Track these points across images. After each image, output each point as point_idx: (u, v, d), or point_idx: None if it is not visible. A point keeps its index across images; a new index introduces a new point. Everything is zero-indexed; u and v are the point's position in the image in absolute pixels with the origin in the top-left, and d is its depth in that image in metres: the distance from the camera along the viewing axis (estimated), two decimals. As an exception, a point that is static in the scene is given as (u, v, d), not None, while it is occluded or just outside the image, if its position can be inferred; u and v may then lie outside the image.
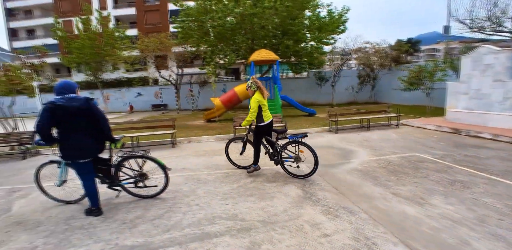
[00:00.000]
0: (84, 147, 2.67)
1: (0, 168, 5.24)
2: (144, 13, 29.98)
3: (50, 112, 2.44)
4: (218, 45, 13.88)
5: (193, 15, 12.85)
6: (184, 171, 4.28)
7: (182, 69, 17.39)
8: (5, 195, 3.67)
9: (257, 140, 3.88)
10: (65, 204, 3.21)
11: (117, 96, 19.42)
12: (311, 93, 17.21)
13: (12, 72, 6.05)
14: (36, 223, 2.76)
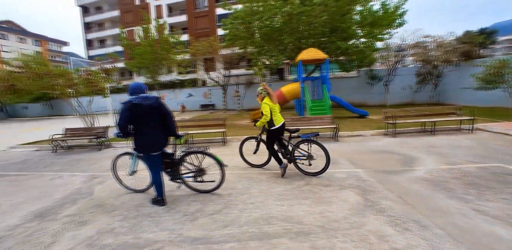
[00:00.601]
0: (156, 141, 2.91)
1: (81, 157, 6.15)
2: (194, 19, 32.08)
3: (129, 110, 2.73)
4: (265, 46, 14.02)
5: (241, 18, 13.21)
6: (236, 169, 4.38)
7: (229, 71, 18.06)
8: (87, 180, 4.26)
9: (269, 144, 3.98)
10: (133, 192, 3.57)
11: (171, 96, 21.23)
12: (361, 93, 16.12)
13: (93, 76, 7.09)
14: (112, 207, 3.12)
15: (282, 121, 3.94)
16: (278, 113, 3.95)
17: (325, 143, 6.00)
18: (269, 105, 3.79)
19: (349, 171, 4.03)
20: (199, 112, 18.91)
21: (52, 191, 3.83)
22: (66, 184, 4.15)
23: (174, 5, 33.11)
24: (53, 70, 6.83)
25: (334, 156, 4.93)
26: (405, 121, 6.73)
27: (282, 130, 3.95)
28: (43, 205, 3.32)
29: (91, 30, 37.81)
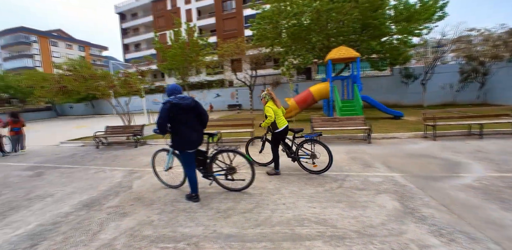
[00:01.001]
0: (192, 139, 3.05)
1: (120, 153, 6.63)
2: (222, 21, 32.81)
3: (169, 109, 2.88)
4: (292, 46, 13.87)
5: (268, 17, 13.22)
6: (266, 169, 4.39)
7: (255, 71, 18.18)
8: (127, 175, 4.58)
9: (274, 146, 4.10)
10: (167, 188, 3.76)
11: (200, 97, 22.00)
12: (395, 93, 15.21)
13: (130, 78, 7.62)
14: (150, 201, 3.31)
15: (286, 125, 4.06)
16: (282, 116, 4.06)
17: (357, 145, 5.83)
18: (272, 108, 3.90)
19: (385, 175, 3.81)
20: (226, 112, 19.32)
21: (97, 184, 4.18)
22: (108, 177, 4.51)
23: (203, 9, 34.21)
24: (97, 73, 7.47)
25: (367, 158, 4.73)
26: (447, 123, 6.20)
27: (285, 132, 4.10)
28: (89, 196, 3.64)
29: (128, 35, 40.57)
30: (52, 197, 3.70)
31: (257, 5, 14.23)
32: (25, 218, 3.07)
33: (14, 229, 2.79)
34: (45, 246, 2.40)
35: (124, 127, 7.71)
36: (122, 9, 40.28)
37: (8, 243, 2.52)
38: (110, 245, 2.35)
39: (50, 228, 2.76)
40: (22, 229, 2.77)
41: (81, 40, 57.34)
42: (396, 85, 15.20)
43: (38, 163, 6.05)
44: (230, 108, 20.38)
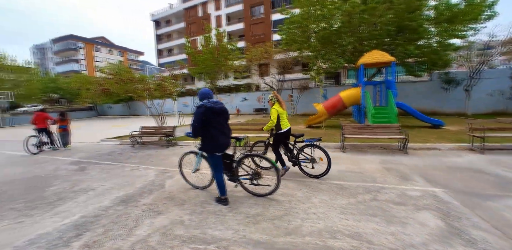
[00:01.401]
0: (221, 142, 3.10)
1: (153, 153, 6.98)
2: (251, 26, 33.42)
3: (203, 113, 2.96)
4: (322, 50, 13.63)
5: (297, 22, 13.16)
6: (295, 175, 4.31)
7: (283, 75, 18.16)
8: (159, 174, 4.80)
9: (275, 146, 4.29)
10: (194, 189, 3.86)
11: (227, 100, 22.51)
12: (433, 99, 14.14)
13: (165, 81, 8.05)
14: (182, 201, 3.42)
15: (288, 127, 4.23)
16: (286, 119, 4.25)
17: (392, 155, 5.49)
18: (278, 111, 4.11)
19: (425, 190, 3.52)
20: (252, 116, 19.48)
21: (133, 181, 4.43)
22: (143, 175, 4.76)
23: (232, 14, 35.22)
24: (135, 76, 8.03)
25: (404, 170, 4.43)
26: (498, 135, 5.57)
27: (288, 134, 4.24)
28: (126, 192, 3.86)
29: (162, 41, 43.13)
30: (94, 191, 4.00)
31: (286, 10, 14.26)
32: (71, 209, 3.35)
33: (62, 218, 3.06)
34: (88, 237, 2.58)
35: (157, 127, 8.13)
36: (157, 17, 43.01)
37: (57, 231, 2.76)
38: (145, 241, 2.46)
39: (92, 220, 2.97)
40: (68, 219, 3.03)
41: (120, 46, 62.24)
42: (434, 91, 14.12)
43: (81, 159, 6.61)
44: (256, 112, 20.51)
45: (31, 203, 3.62)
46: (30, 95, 25.58)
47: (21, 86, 24.66)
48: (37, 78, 28.07)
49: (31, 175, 5.21)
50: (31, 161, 6.69)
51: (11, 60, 24.72)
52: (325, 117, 10.25)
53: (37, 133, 7.90)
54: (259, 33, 32.21)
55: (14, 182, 4.74)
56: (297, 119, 14.54)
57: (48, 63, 57.55)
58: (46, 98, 32.51)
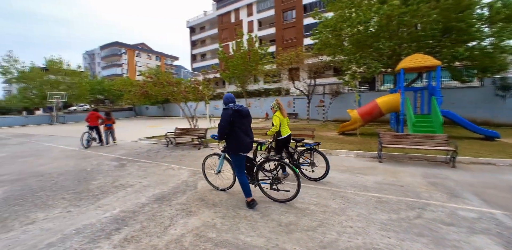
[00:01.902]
0: (245, 143, 3.21)
1: (186, 153, 7.24)
2: (282, 31, 33.54)
3: (232, 115, 3.10)
4: (356, 54, 13.11)
5: (331, 25, 12.83)
6: (328, 185, 4.12)
7: (314, 80, 17.80)
8: (192, 175, 4.94)
9: (277, 151, 4.45)
10: (221, 190, 3.89)
11: (256, 104, 22.68)
12: (485, 108, 12.67)
13: (199, 85, 8.37)
14: (214, 203, 3.45)
15: (288, 133, 4.41)
16: (286, 125, 4.44)
17: (437, 169, 4.99)
18: (279, 118, 4.29)
19: (481, 210, 3.10)
20: (280, 120, 19.34)
21: (167, 180, 4.61)
22: (176, 175, 4.94)
23: (263, 20, 35.73)
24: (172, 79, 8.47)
25: (453, 186, 3.98)
26: None
27: (288, 140, 4.41)
28: (161, 191, 4.02)
29: (196, 46, 45.27)
30: (132, 187, 4.24)
31: (318, 14, 14.01)
32: (112, 202, 3.57)
33: (104, 211, 3.27)
34: (127, 232, 2.72)
35: (190, 129, 8.45)
36: (192, 24, 45.33)
37: (100, 223, 2.96)
38: (179, 241, 2.51)
39: (130, 215, 3.13)
40: (109, 213, 3.23)
41: (158, 52, 66.67)
42: (487, 98, 12.63)
43: (121, 156, 7.11)
44: (285, 117, 20.36)
45: (79, 194, 3.95)
46: (80, 96, 28.48)
47: (73, 88, 27.60)
48: (86, 81, 31.18)
49: (79, 168, 5.73)
50: (79, 155, 7.37)
51: (66, 65, 27.88)
52: (359, 124, 9.76)
53: (89, 129, 8.85)
54: (291, 37, 32.18)
55: (66, 174, 5.24)
56: (328, 126, 14.07)
57: (96, 67, 63.74)
58: (93, 99, 35.94)
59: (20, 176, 5.20)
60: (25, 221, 3.07)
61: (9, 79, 25.16)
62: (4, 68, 23.76)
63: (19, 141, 11.51)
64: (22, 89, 25.75)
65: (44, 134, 14.81)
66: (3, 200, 3.82)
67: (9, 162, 6.76)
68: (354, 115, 9.78)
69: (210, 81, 9.44)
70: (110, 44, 58.38)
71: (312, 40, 14.82)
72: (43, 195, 3.98)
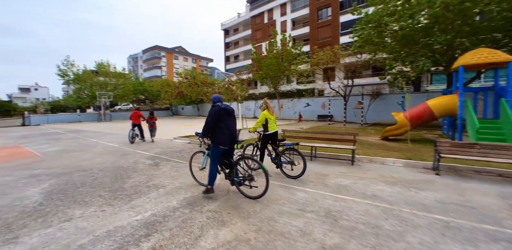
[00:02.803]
0: (226, 137, 3.54)
1: (217, 154, 7.12)
2: (316, 29, 32.40)
3: (218, 111, 3.53)
4: (402, 51, 11.88)
5: (374, 21, 11.80)
6: (376, 199, 3.56)
7: (352, 80, 16.72)
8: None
9: (262, 145, 4.90)
10: (200, 185, 3.57)
11: (289, 105, 22.12)
12: None
13: (233, 85, 8.25)
14: (247, 213, 3.15)
15: (275, 130, 4.86)
16: (274, 123, 4.88)
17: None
18: (266, 115, 4.79)
19: None
20: (315, 122, 18.48)
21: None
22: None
23: (297, 19, 34.97)
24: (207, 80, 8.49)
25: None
26: None
27: (273, 136, 4.84)
28: (192, 194, 3.87)
29: (229, 48, 46.17)
30: (164, 188, 4.17)
31: (358, 9, 13.02)
32: (144, 204, 3.50)
33: (136, 213, 3.19)
34: (156, 239, 2.55)
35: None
36: (226, 26, 46.34)
37: (131, 226, 2.85)
38: (209, 256, 2.25)
39: (160, 220, 2.99)
40: (140, 215, 3.13)
41: (193, 54, 69.67)
42: None
43: (156, 154, 7.27)
44: (319, 119, 19.37)
45: (114, 193, 3.98)
46: (124, 96, 30.90)
47: (118, 88, 30.04)
48: (130, 82, 33.74)
49: (117, 165, 5.93)
50: (119, 152, 7.73)
51: (113, 67, 30.48)
52: (406, 129, 8.73)
53: (132, 126, 9.66)
54: (325, 36, 30.94)
55: (105, 170, 5.44)
56: (367, 130, 12.97)
57: (139, 69, 68.95)
58: (135, 98, 38.79)
59: (66, 170, 5.53)
60: (63, 217, 3.12)
61: (66, 81, 28.29)
62: (63, 71, 26.77)
63: (71, 136, 12.68)
64: (76, 90, 28.77)
65: (92, 130, 16.20)
66: (48, 193, 4.01)
67: (60, 155, 7.35)
68: (401, 119, 8.78)
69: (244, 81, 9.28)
70: (151, 48, 62.63)
71: (351, 38, 13.88)
72: (82, 191, 4.10)
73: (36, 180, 4.82)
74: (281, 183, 4.37)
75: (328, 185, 4.30)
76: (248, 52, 42.86)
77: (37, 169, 5.76)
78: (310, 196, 3.75)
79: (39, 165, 6.12)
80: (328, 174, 4.97)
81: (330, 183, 4.41)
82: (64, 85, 42.54)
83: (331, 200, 3.61)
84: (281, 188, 4.14)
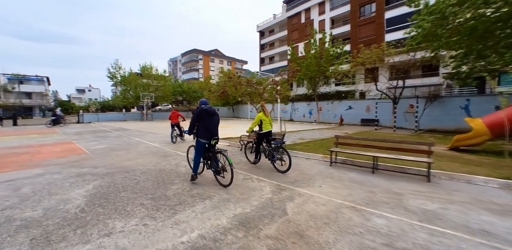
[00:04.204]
0: (206, 132, 4.28)
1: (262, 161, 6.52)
2: (358, 27, 30.33)
3: (200, 112, 4.28)
4: (473, 46, 10.06)
5: (439, 12, 10.17)
6: (491, 238, 2.56)
7: (403, 81, 14.94)
8: (275, 190, 4.06)
9: (257, 143, 5.62)
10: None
11: (329, 108, 20.74)
12: None
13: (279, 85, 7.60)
14: (317, 245, 2.43)
15: (268, 130, 5.42)
16: (268, 124, 5.44)
17: None
18: (261, 117, 5.38)
19: None
20: (359, 127, 16.92)
21: (248, 194, 3.86)
22: (257, 189, 4.15)
23: (336, 17, 33.20)
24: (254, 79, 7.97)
25: None
26: None
27: (267, 135, 5.42)
28: (243, 210, 3.26)
29: (264, 50, 45.91)
30: (211, 200, 3.64)
31: (416, 0, 11.44)
32: (189, 220, 2.99)
33: (181, 233, 2.68)
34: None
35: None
36: (262, 28, 46.17)
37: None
38: None
39: (211, 246, 2.42)
40: (186, 236, 2.60)
41: (229, 57, 71.10)
42: None
43: (196, 157, 6.92)
44: (363, 123, 17.72)
45: (156, 202, 3.56)
46: (164, 97, 32.47)
47: (159, 90, 31.65)
48: (170, 84, 35.38)
49: (159, 167, 5.66)
50: (160, 152, 7.58)
51: (155, 70, 32.22)
52: (484, 138, 7.17)
53: (172, 126, 9.89)
54: (368, 34, 28.75)
55: (147, 173, 5.17)
56: (423, 137, 11.26)
57: (178, 72, 72.64)
58: (174, 99, 40.62)
59: (110, 170, 5.40)
60: (103, 230, 2.73)
61: (115, 82, 30.64)
62: (112, 74, 29.03)
63: (117, 135, 13.27)
64: (123, 91, 30.99)
65: (135, 129, 16.97)
66: (91, 197, 3.76)
67: (106, 154, 7.44)
68: (478, 126, 7.23)
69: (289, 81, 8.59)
70: (189, 51, 65.48)
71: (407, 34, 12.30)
72: (124, 196, 3.77)
73: (82, 179, 4.70)
74: (349, 203, 3.55)
75: (410, 209, 3.36)
76: (283, 53, 42.08)
77: (84, 167, 5.75)
78: (393, 224, 2.88)
79: (86, 163, 6.16)
80: (402, 193, 4.00)
81: (410, 206, 3.47)
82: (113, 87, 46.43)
83: (425, 233, 2.70)
84: (350, 210, 3.32)
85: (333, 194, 3.92)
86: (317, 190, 4.09)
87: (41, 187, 4.28)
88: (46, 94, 43.09)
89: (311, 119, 22.86)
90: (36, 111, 39.97)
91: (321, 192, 4.03)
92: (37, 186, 4.34)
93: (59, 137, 12.32)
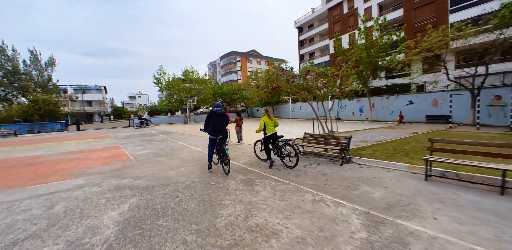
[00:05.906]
0: (214, 130, 5.21)
1: (326, 171, 5.23)
2: (413, 11, 26.42)
3: (210, 114, 5.28)
4: None
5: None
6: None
7: (486, 67, 11.93)
8: (367, 223, 2.74)
9: (264, 145, 5.84)
10: None
11: (383, 104, 18.13)
12: None
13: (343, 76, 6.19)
14: None
15: (272, 132, 5.67)
16: (272, 126, 5.71)
17: None
18: (265, 121, 5.67)
19: None
20: (425, 125, 14.15)
21: (329, 230, 2.63)
22: (339, 219, 2.89)
23: (385, 3, 29.58)
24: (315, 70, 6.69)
25: None
26: None
27: (273, 137, 5.72)
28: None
29: (303, 46, 43.79)
30: (277, 238, 2.50)
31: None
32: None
33: None
34: None
35: (326, 136, 6.37)
36: (300, 23, 44.11)
37: None
38: None
39: None
40: None
41: (266, 56, 70.35)
42: None
43: (246, 165, 5.92)
44: (429, 120, 14.84)
45: (203, 239, 2.56)
46: (205, 99, 33.12)
47: (201, 93, 32.33)
48: (210, 87, 36.00)
49: (204, 180, 4.78)
50: (204, 159, 6.74)
51: (196, 74, 33.05)
52: None
53: None
54: (426, 17, 24.77)
55: (191, 187, 4.32)
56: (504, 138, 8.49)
57: (217, 75, 74.67)
58: (214, 101, 41.40)
59: (150, 183, 4.71)
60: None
61: (160, 88, 32.25)
62: (157, 79, 30.56)
63: (161, 138, 13.26)
64: (167, 95, 32.44)
65: (179, 131, 17.05)
66: (124, 225, 2.95)
67: (149, 161, 6.98)
68: None
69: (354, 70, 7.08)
70: (227, 54, 66.66)
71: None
72: (163, 226, 2.88)
73: (119, 195, 4.05)
74: None
75: None
76: (324, 48, 39.42)
77: (125, 177, 5.21)
78: None
79: (128, 172, 5.66)
80: None
81: None
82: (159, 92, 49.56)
83: None
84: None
85: (466, 235, 2.44)
86: (437, 227, 2.65)
87: (75, 204, 3.70)
88: (104, 102, 48.04)
89: (362, 117, 20.34)
90: (96, 117, 44.78)
91: (444, 230, 2.58)
92: (72, 202, 3.78)
93: (110, 141, 12.75)
